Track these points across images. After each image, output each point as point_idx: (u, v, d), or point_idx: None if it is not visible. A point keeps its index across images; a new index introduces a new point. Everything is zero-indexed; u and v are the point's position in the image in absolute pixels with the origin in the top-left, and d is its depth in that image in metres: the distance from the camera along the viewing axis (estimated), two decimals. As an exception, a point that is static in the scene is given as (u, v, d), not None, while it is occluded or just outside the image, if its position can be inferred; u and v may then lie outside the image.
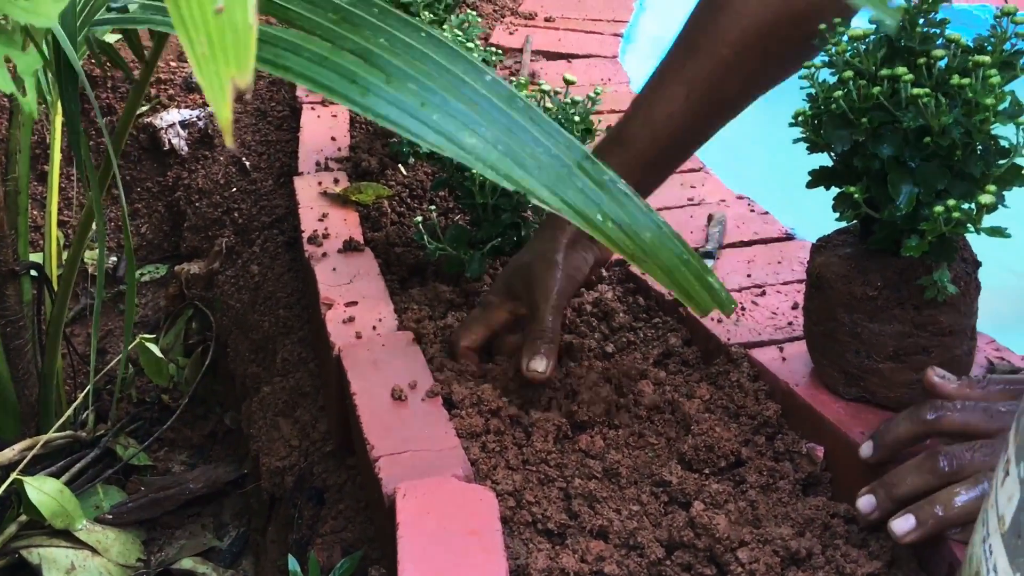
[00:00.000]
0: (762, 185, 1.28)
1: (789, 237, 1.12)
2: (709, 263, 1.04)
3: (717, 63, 0.85)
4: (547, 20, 1.92)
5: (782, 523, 0.70)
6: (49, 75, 1.14)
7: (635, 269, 1.05)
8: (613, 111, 1.22)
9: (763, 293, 0.98)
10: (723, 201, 1.21)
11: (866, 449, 0.71)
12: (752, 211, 1.18)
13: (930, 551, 0.67)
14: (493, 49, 1.35)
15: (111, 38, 1.43)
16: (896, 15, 0.71)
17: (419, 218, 1.02)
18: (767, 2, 0.82)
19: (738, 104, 0.89)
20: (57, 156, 1.29)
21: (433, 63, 0.63)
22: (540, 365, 0.82)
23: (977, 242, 0.74)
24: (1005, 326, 0.88)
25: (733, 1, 0.84)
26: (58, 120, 1.29)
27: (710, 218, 1.14)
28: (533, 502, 0.71)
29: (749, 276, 1.02)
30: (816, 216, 0.83)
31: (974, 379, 0.70)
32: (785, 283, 1.00)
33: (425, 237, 1.00)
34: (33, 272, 1.19)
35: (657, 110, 0.87)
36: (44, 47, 1.02)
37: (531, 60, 1.70)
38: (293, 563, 0.83)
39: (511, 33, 1.85)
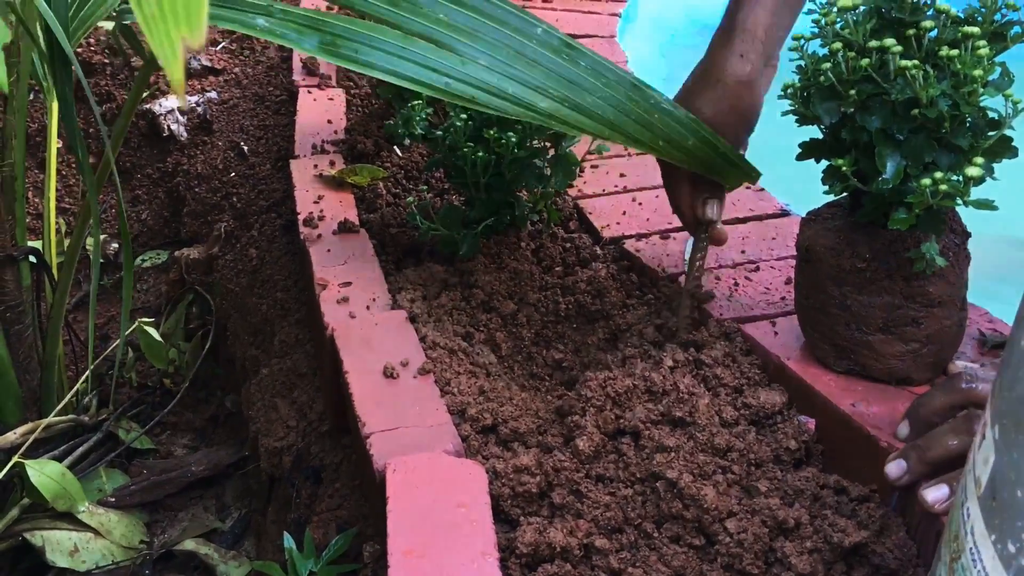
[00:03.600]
0: (758, 162, 1.28)
1: (784, 213, 1.12)
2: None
3: None
4: (544, 0, 1.91)
5: (771, 494, 0.70)
6: (44, 60, 1.14)
7: (629, 247, 1.05)
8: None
9: (757, 269, 0.98)
10: (719, 179, 1.20)
11: (903, 429, 0.70)
12: (747, 188, 1.17)
13: (918, 520, 0.67)
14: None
15: (106, 26, 1.44)
16: None
17: (412, 198, 1.02)
18: None
19: None
20: (54, 143, 1.29)
21: (492, 30, 0.67)
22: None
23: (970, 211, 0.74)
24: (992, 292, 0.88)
25: None
26: (55, 107, 1.30)
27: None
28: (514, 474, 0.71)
29: (743, 252, 1.02)
30: (812, 192, 0.83)
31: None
32: (779, 258, 1.00)
33: (418, 217, 1.00)
34: (32, 258, 1.19)
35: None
36: (37, 31, 1.02)
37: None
38: (288, 541, 0.83)
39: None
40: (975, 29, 0.68)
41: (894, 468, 0.67)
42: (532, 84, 0.68)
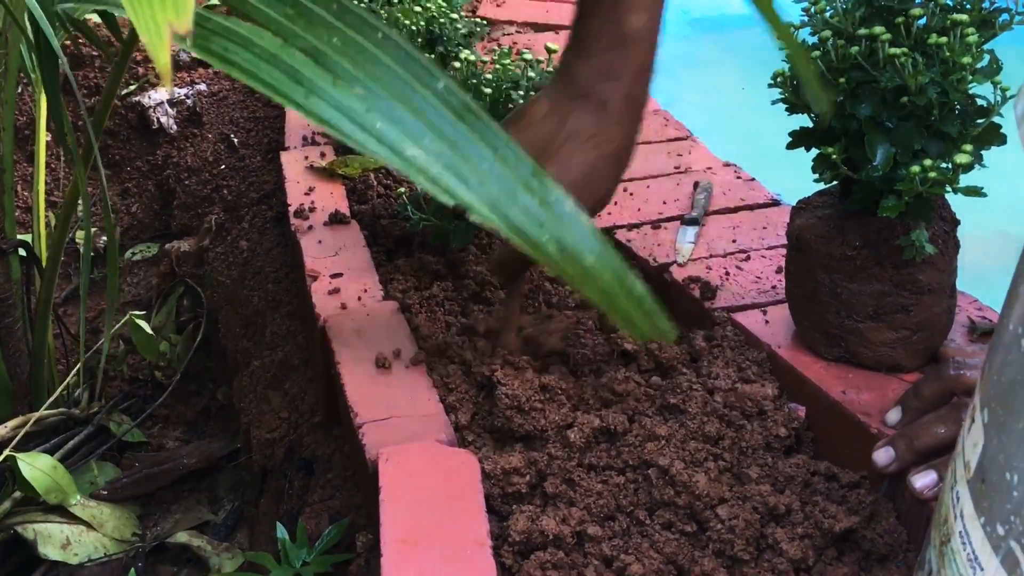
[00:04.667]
0: (749, 152, 1.28)
1: (775, 203, 1.12)
2: (695, 229, 1.04)
3: None
4: (535, -8, 1.91)
5: (762, 481, 0.70)
6: (32, 52, 1.14)
7: (620, 236, 1.05)
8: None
9: (748, 258, 0.99)
10: (709, 168, 1.21)
11: (894, 415, 0.71)
12: (739, 178, 1.18)
13: (908, 505, 0.67)
14: (479, 21, 1.34)
15: (95, 18, 1.43)
16: None
17: (403, 189, 1.02)
18: None
19: None
20: (43, 135, 1.28)
21: (384, 67, 0.61)
22: None
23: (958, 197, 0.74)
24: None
25: None
26: (43, 99, 1.29)
27: (696, 185, 1.14)
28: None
29: (734, 242, 1.02)
30: (803, 182, 0.83)
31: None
32: (770, 248, 1.01)
33: (409, 208, 1.00)
34: (21, 251, 1.19)
35: None
36: (25, 23, 1.02)
37: (518, 32, 1.69)
38: (281, 531, 0.83)
39: (498, 5, 1.84)
40: (964, 17, 0.69)
41: (882, 456, 0.67)
42: (407, 130, 0.59)
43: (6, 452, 1.11)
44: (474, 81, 1.00)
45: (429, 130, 0.58)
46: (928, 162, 0.68)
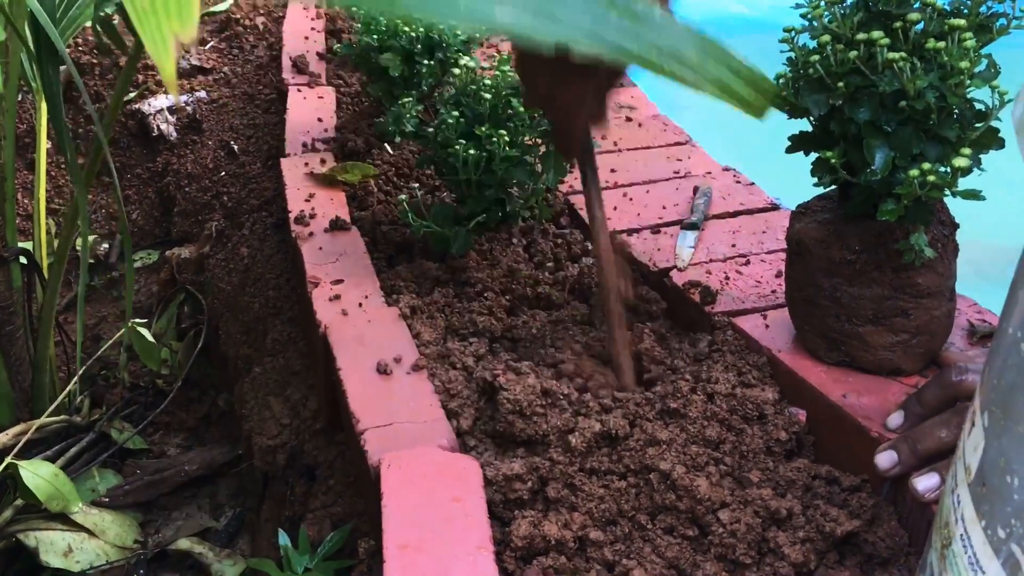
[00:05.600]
0: (748, 156, 1.28)
1: (774, 207, 1.12)
2: (694, 234, 1.04)
3: None
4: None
5: (764, 485, 0.70)
6: (33, 61, 1.14)
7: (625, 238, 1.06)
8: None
9: (747, 262, 0.99)
10: (709, 173, 1.21)
11: (896, 419, 0.71)
12: (738, 182, 1.18)
13: (910, 509, 0.68)
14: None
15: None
16: None
17: (404, 196, 1.02)
18: None
19: None
20: (44, 143, 1.29)
21: None
22: None
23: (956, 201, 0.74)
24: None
25: None
26: (44, 107, 1.29)
27: (696, 190, 1.15)
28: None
29: (734, 246, 1.03)
30: (802, 186, 0.84)
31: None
32: (769, 252, 1.01)
33: (410, 215, 1.00)
34: (23, 259, 1.19)
35: None
36: (26, 31, 1.02)
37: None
38: (283, 538, 0.83)
39: (498, 11, 1.84)
40: (961, 21, 0.69)
41: (885, 459, 0.67)
42: None
43: (8, 460, 1.11)
44: (474, 87, 1.01)
45: None
46: (927, 166, 0.68)
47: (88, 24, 1.20)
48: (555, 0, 0.57)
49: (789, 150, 0.79)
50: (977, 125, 0.71)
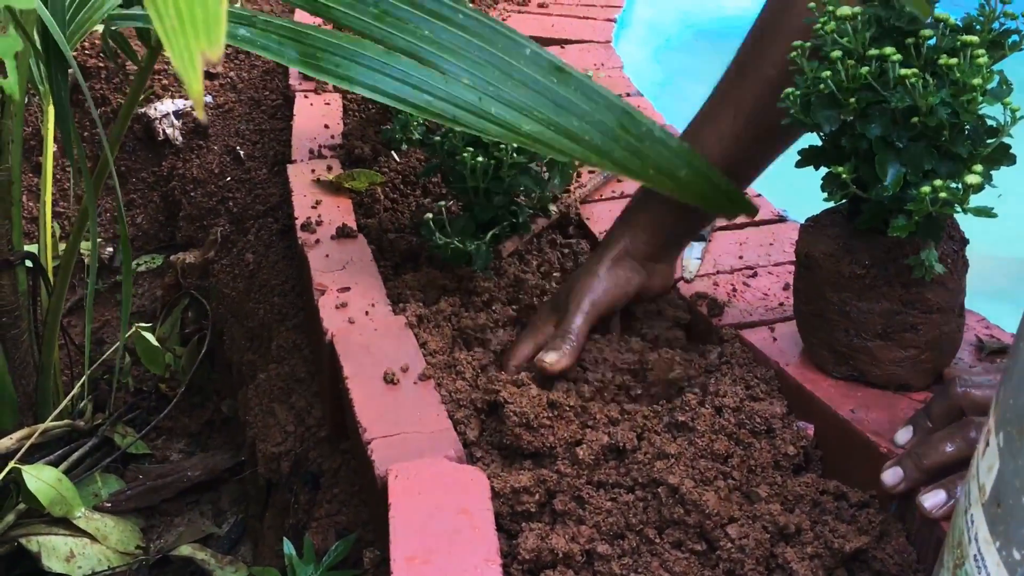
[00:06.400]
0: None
1: (781, 219, 1.12)
2: (701, 246, 1.04)
3: (763, 84, 0.85)
4: (540, 6, 1.91)
5: (772, 500, 0.70)
6: (41, 65, 1.14)
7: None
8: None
9: (755, 275, 0.99)
10: (716, 184, 1.21)
11: (904, 434, 0.71)
12: (744, 193, 1.18)
13: (918, 526, 0.67)
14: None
15: (101, 29, 1.43)
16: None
17: (429, 215, 1.01)
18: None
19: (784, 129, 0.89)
20: (51, 147, 1.29)
21: (477, 47, 0.66)
22: (551, 357, 0.83)
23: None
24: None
25: (778, 26, 0.86)
26: (51, 111, 1.29)
27: (702, 201, 1.14)
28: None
29: (741, 258, 1.02)
30: (809, 198, 0.84)
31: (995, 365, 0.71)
32: (777, 264, 1.01)
33: (436, 234, 0.99)
34: (28, 263, 1.19)
35: (706, 131, 0.88)
36: (35, 35, 1.02)
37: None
38: (288, 547, 0.83)
39: (504, 20, 1.85)
40: (974, 38, 0.69)
41: (890, 476, 0.67)
42: (516, 105, 0.66)
43: (11, 464, 1.11)
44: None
45: (534, 101, 0.65)
46: (938, 182, 0.68)
47: (96, 28, 1.20)
48: (572, 120, 0.64)
49: (799, 164, 0.79)
50: (989, 141, 0.71)
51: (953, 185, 0.69)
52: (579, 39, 1.76)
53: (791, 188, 1.01)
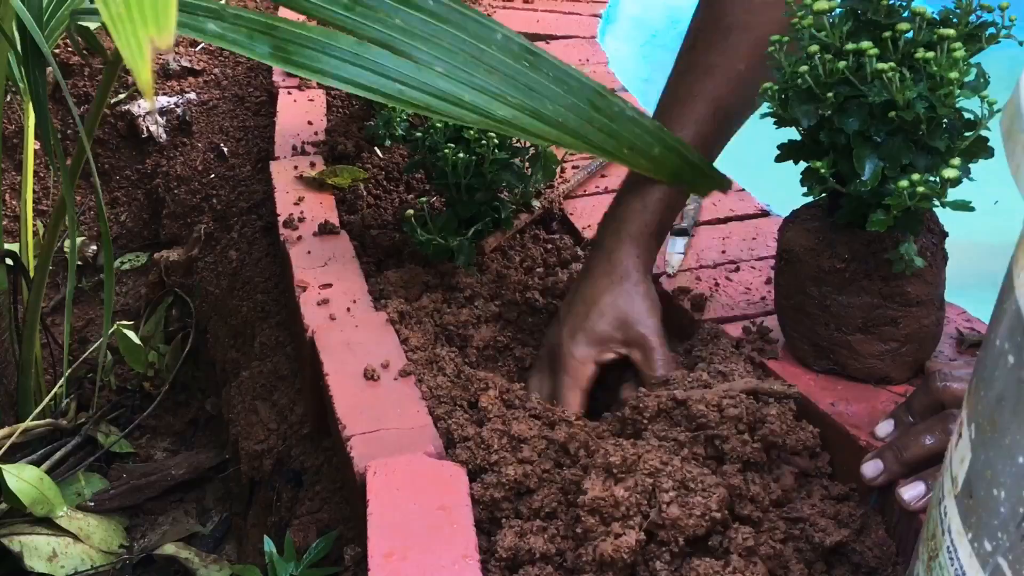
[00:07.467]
0: (739, 163, 1.28)
1: (764, 214, 1.12)
2: (684, 240, 1.04)
3: (735, 78, 0.86)
4: (526, 1, 1.91)
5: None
6: (20, 62, 1.13)
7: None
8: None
9: (737, 269, 0.99)
10: (699, 180, 1.21)
11: (885, 427, 0.71)
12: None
13: (897, 518, 0.67)
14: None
15: (91, 25, 1.42)
16: None
17: (410, 211, 1.00)
18: (772, 17, 0.82)
19: (749, 112, 0.90)
20: (31, 144, 1.28)
21: (449, 35, 0.65)
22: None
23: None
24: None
25: (740, 20, 0.86)
26: (31, 108, 1.29)
27: (686, 196, 1.14)
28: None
29: (724, 252, 1.02)
30: (794, 193, 0.84)
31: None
32: (759, 259, 1.01)
33: (418, 231, 0.99)
34: (9, 261, 1.18)
35: (687, 132, 0.85)
36: (13, 32, 1.01)
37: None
38: (268, 544, 0.83)
39: (490, 15, 1.84)
40: (950, 31, 0.69)
41: (870, 468, 0.67)
42: (490, 91, 0.66)
43: (-8, 463, 1.10)
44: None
45: (507, 85, 0.65)
46: (916, 176, 0.68)
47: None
48: (545, 104, 0.64)
49: (779, 159, 0.79)
50: (967, 135, 0.71)
51: (931, 179, 0.69)
52: (564, 34, 1.75)
53: (775, 183, 1.02)
